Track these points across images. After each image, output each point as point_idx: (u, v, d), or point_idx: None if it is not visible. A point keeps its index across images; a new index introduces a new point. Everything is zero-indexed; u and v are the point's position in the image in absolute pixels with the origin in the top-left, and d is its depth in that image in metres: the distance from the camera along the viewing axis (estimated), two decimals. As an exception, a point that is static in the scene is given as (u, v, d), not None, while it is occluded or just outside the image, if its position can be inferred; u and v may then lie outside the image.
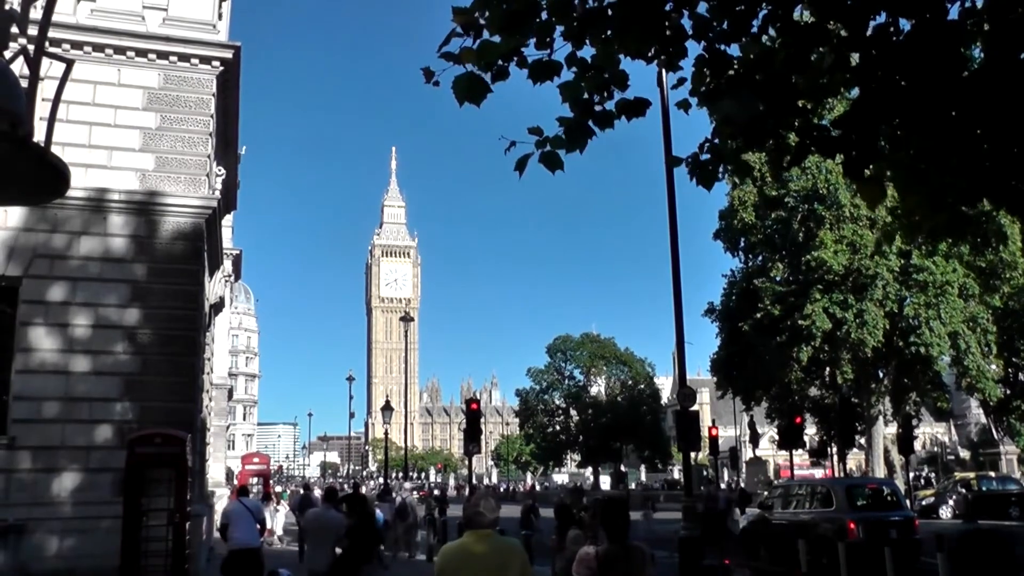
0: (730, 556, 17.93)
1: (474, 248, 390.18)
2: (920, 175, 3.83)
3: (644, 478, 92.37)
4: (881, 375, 40.29)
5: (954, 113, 3.72)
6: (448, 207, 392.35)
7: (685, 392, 16.59)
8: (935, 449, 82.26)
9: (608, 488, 74.55)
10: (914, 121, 3.82)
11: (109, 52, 14.40)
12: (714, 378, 48.12)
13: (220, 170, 19.94)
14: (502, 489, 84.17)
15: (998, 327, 38.85)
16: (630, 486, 74.07)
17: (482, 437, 25.50)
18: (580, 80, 4.12)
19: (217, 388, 35.04)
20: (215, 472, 36.91)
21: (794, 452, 36.96)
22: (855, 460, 63.88)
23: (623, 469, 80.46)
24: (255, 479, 40.78)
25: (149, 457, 11.38)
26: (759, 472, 58.15)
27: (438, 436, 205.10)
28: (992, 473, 41.06)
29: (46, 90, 7.96)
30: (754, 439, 52.79)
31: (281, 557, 19.98)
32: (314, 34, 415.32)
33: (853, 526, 15.85)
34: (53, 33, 12.13)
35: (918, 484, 49.08)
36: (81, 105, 13.88)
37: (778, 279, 39.70)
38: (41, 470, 12.85)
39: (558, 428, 79.29)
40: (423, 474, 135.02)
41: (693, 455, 17.95)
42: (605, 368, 78.25)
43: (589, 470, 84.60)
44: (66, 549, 12.49)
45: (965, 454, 72.28)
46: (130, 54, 14.53)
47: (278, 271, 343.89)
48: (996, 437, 49.48)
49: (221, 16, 16.41)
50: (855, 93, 4.32)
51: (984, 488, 33.17)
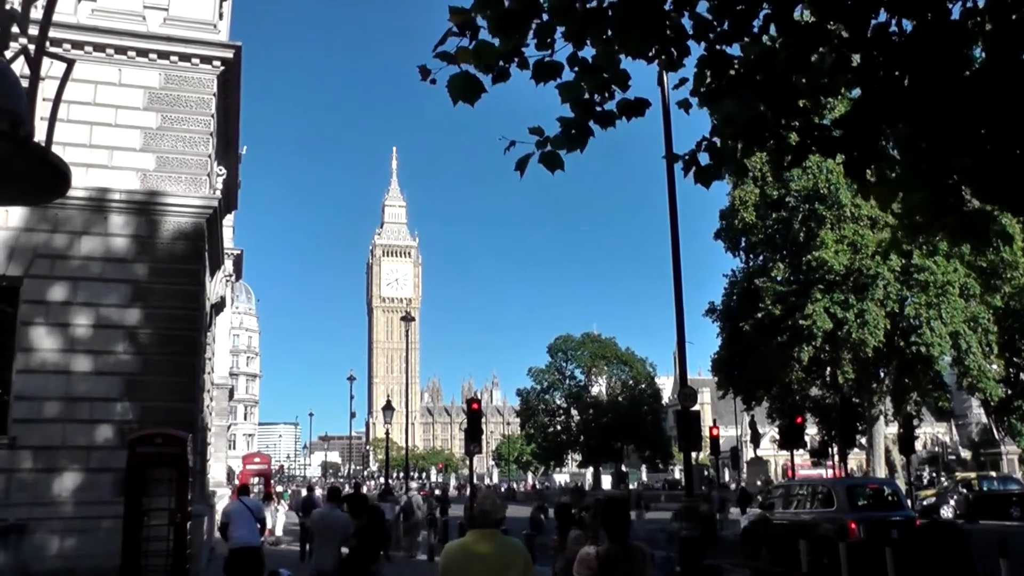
0: (722, 556, 17.93)
1: (475, 248, 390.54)
2: (925, 176, 3.82)
3: (645, 478, 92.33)
4: (882, 375, 40.25)
5: (957, 114, 3.71)
6: (449, 207, 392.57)
7: (686, 392, 16.60)
8: (936, 449, 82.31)
9: (609, 488, 74.48)
10: (917, 121, 3.81)
11: (110, 52, 14.40)
12: (715, 378, 48.08)
13: (221, 170, 19.94)
14: (503, 489, 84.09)
15: (999, 327, 38.82)
16: (631, 486, 73.97)
17: (483, 437, 25.49)
18: (581, 80, 4.12)
19: (218, 388, 35.05)
20: (216, 472, 36.93)
21: (795, 452, 36.91)
22: (856, 460, 63.89)
23: (624, 469, 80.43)
24: (256, 479, 40.86)
25: (150, 457, 11.38)
26: (760, 472, 58.11)
27: (439, 436, 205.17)
28: (993, 473, 41.10)
29: (47, 90, 7.97)
30: (755, 439, 52.74)
31: (282, 557, 20.00)
32: (315, 34, 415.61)
33: (854, 526, 15.86)
34: (54, 33, 12.15)
35: (920, 484, 49.11)
36: (82, 105, 13.88)
37: (779, 279, 39.68)
38: (42, 470, 12.85)
39: (559, 428, 79.26)
40: (424, 474, 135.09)
41: (694, 455, 17.94)
42: (606, 368, 78.24)
43: (590, 470, 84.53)
44: (67, 549, 12.49)
45: (966, 454, 72.34)
46: (131, 54, 14.53)
47: (279, 271, 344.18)
48: (997, 437, 49.48)
49: (222, 16, 16.42)
50: (856, 93, 4.31)
51: (985, 488, 33.17)
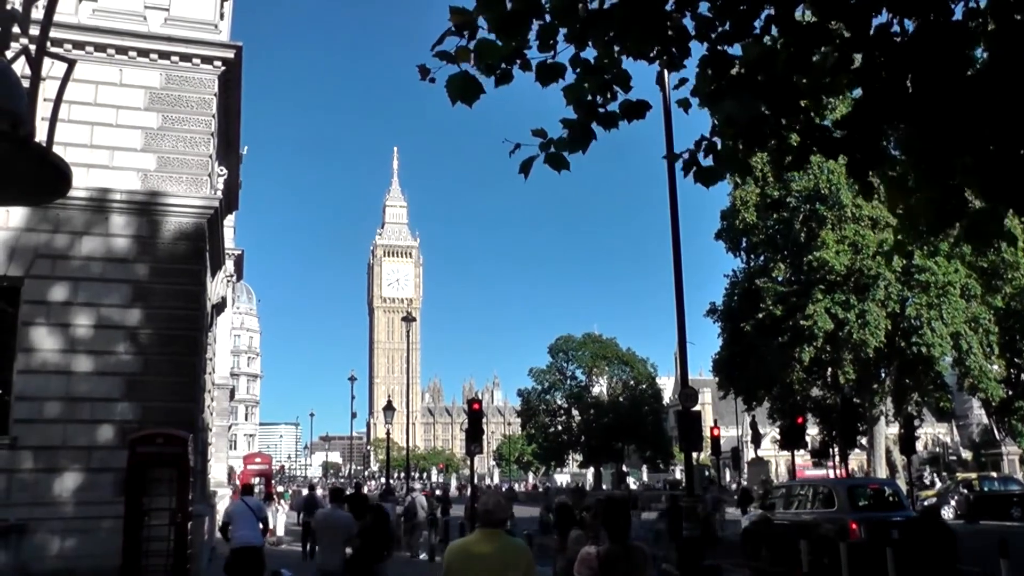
0: (722, 556, 17.93)
1: (476, 248, 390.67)
2: (930, 177, 3.81)
3: (646, 478, 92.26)
4: (883, 375, 40.23)
5: (960, 114, 3.70)
6: (450, 207, 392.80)
7: (687, 392, 16.57)
8: (937, 450, 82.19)
9: (609, 488, 74.44)
10: (919, 122, 3.80)
11: (111, 52, 14.40)
12: (716, 378, 48.02)
13: (222, 170, 19.94)
14: (503, 488, 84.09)
15: (1000, 327, 38.79)
16: (632, 486, 73.92)
17: (484, 437, 25.48)
18: (583, 82, 4.11)
19: (219, 388, 35.05)
20: (217, 472, 36.92)
21: (796, 452, 36.89)
22: (856, 460, 63.82)
23: (625, 469, 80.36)
24: (257, 479, 40.84)
25: (151, 457, 11.39)
26: (761, 472, 58.05)
27: (440, 436, 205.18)
28: (994, 474, 41.05)
29: (48, 90, 7.97)
30: (756, 439, 52.66)
31: (284, 557, 20.00)
32: (316, 34, 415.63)
33: (855, 526, 15.84)
34: (55, 33, 12.16)
35: (922, 484, 49.05)
36: (83, 105, 13.88)
37: (780, 279, 39.66)
38: (42, 470, 12.85)
39: (560, 428, 79.15)
40: (425, 474, 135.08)
41: (695, 455, 17.93)
42: (607, 368, 78.14)
43: (591, 470, 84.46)
44: (67, 549, 12.49)
45: (967, 454, 72.20)
46: (132, 54, 14.53)
47: (280, 271, 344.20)
48: (998, 438, 49.47)
49: (223, 16, 16.42)
50: (857, 93, 4.30)
51: (986, 488, 33.15)
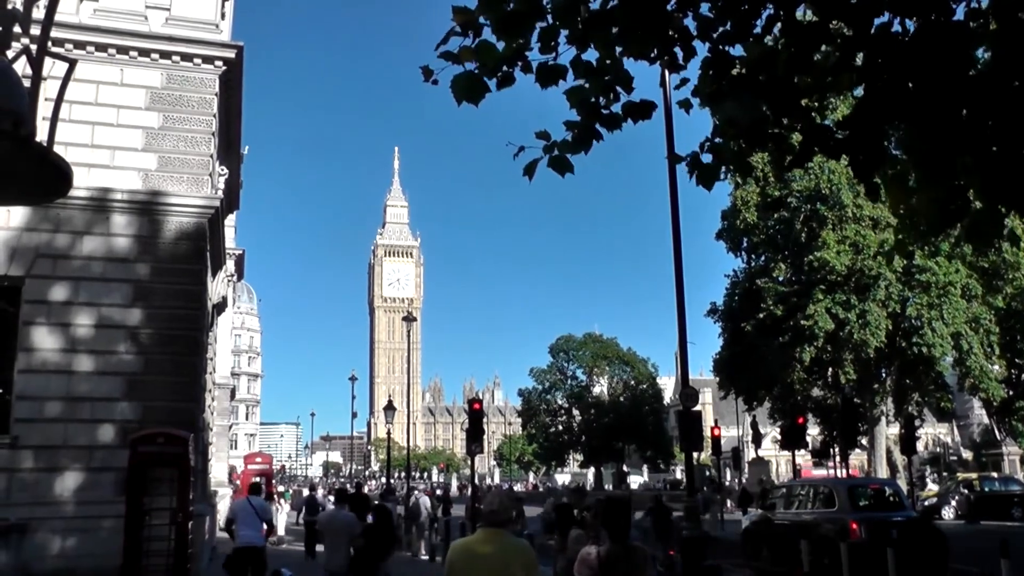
0: (723, 556, 17.92)
1: (476, 248, 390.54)
2: (932, 177, 3.81)
3: (647, 478, 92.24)
4: (884, 375, 40.25)
5: (962, 114, 3.69)
6: (451, 207, 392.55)
7: (687, 392, 16.57)
8: (938, 450, 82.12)
9: (610, 487, 74.47)
10: (921, 122, 3.79)
11: (112, 52, 14.40)
12: (716, 378, 48.06)
13: (223, 170, 19.94)
14: (504, 488, 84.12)
15: (1001, 328, 38.80)
16: (633, 486, 73.91)
17: (485, 437, 25.48)
18: (585, 83, 4.09)
19: (220, 388, 35.06)
20: (218, 472, 36.91)
21: (796, 452, 36.88)
22: (857, 460, 63.79)
23: (625, 469, 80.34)
24: (257, 479, 40.80)
25: (151, 456, 11.38)
26: (762, 472, 58.02)
27: (440, 436, 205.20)
28: (995, 474, 40.97)
29: (49, 90, 7.98)
30: (756, 439, 52.56)
31: (286, 557, 20.01)
32: (316, 34, 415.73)
33: (855, 526, 15.82)
34: (56, 33, 12.14)
35: (924, 484, 49.03)
36: (84, 105, 13.88)
37: (780, 279, 39.68)
38: (43, 469, 12.85)
39: (560, 428, 79.19)
40: (425, 474, 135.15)
41: (695, 455, 17.92)
42: (608, 368, 78.16)
43: (591, 470, 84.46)
44: (68, 549, 12.49)
45: (968, 455, 72.13)
46: (133, 54, 14.53)
47: (281, 271, 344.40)
48: (999, 438, 49.41)
49: (224, 16, 16.41)
50: (859, 93, 4.30)
51: (987, 489, 33.08)
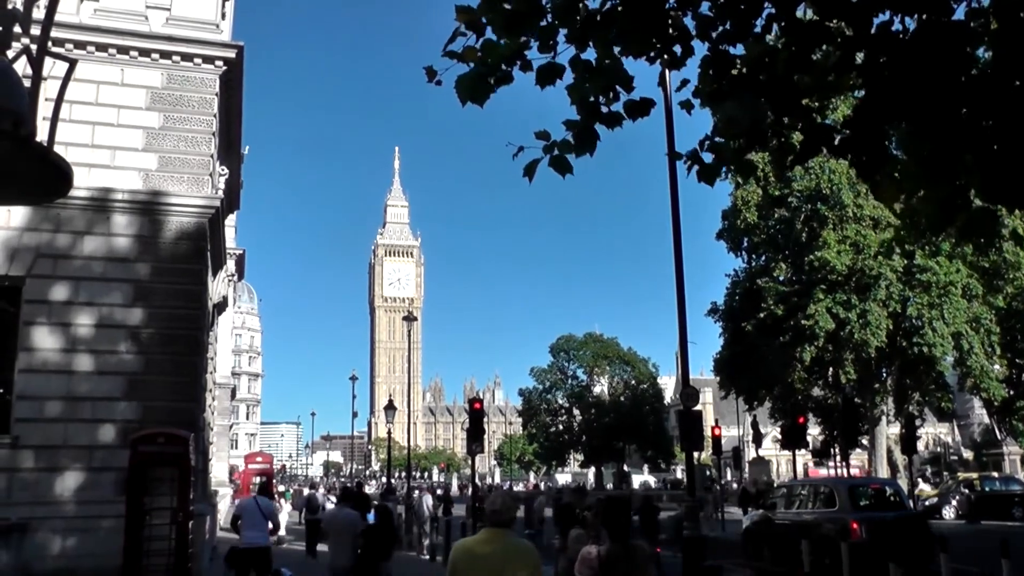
0: (723, 556, 17.91)
1: (477, 248, 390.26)
2: (933, 176, 3.80)
3: (647, 477, 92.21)
4: (884, 375, 40.23)
5: (964, 112, 3.69)
6: (451, 207, 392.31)
7: (688, 392, 16.55)
8: (938, 449, 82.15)
9: (611, 487, 74.45)
10: (922, 121, 3.79)
11: (112, 52, 14.40)
12: (717, 378, 48.02)
13: (223, 170, 19.94)
14: (505, 487, 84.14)
15: (1001, 327, 38.77)
16: (634, 486, 73.88)
17: (485, 437, 25.49)
18: (584, 82, 4.08)
19: (220, 387, 35.09)
20: (218, 471, 36.98)
21: (797, 452, 36.88)
22: (858, 460, 63.77)
23: (626, 469, 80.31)
24: (258, 478, 40.85)
25: (152, 456, 11.38)
26: (763, 472, 58.08)
27: (441, 436, 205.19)
28: (995, 473, 40.99)
29: (49, 90, 7.98)
30: (757, 439, 52.59)
31: (288, 556, 20.01)
32: (317, 34, 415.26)
33: (856, 526, 15.81)
34: (56, 33, 12.15)
35: (916, 482, 48.92)
36: (84, 105, 13.88)
37: (781, 279, 39.66)
38: (44, 469, 12.86)
39: (561, 428, 79.12)
40: (426, 473, 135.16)
41: (696, 455, 17.90)
42: (608, 368, 78.10)
43: (592, 470, 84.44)
44: (68, 548, 12.49)
45: (968, 454, 72.16)
46: (133, 54, 14.53)
47: (281, 271, 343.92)
48: (999, 437, 49.40)
49: (224, 16, 16.41)
50: (859, 93, 4.29)
51: (987, 489, 33.08)
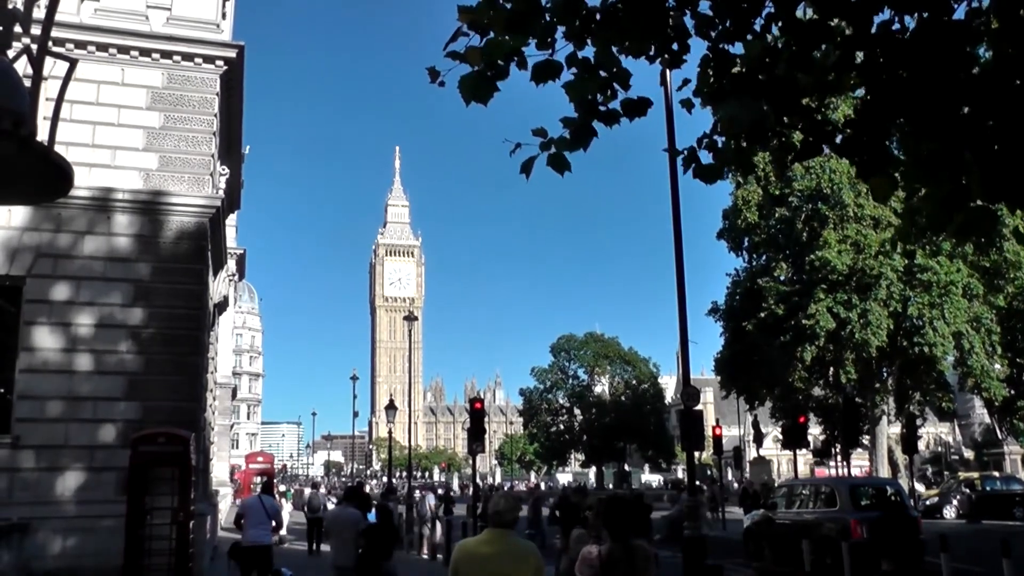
0: (724, 556, 17.94)
1: (477, 247, 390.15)
2: (933, 175, 3.80)
3: (649, 477, 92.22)
4: (885, 375, 40.22)
5: (964, 112, 3.68)
6: (452, 207, 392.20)
7: (689, 391, 16.53)
8: (939, 449, 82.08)
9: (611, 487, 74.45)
10: (922, 120, 3.79)
11: (113, 52, 14.42)
12: (718, 378, 48.00)
13: (224, 169, 19.94)
14: (506, 488, 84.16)
15: (1002, 327, 38.76)
16: (634, 485, 73.88)
17: (486, 436, 25.50)
18: (582, 80, 4.08)
19: (221, 387, 35.11)
20: (219, 471, 37.00)
21: (798, 451, 36.90)
22: (859, 460, 63.75)
23: (627, 468, 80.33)
24: (258, 478, 40.91)
25: (153, 456, 11.41)
26: (763, 472, 58.10)
27: (442, 435, 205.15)
28: (996, 473, 40.94)
29: (50, 89, 7.98)
30: (758, 439, 52.64)
31: (289, 555, 20.03)
32: (317, 33, 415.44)
33: (856, 526, 15.80)
34: (56, 32, 12.15)
35: (928, 483, 48.98)
36: (85, 104, 13.89)
37: (782, 279, 39.66)
38: (45, 469, 12.87)
39: (562, 427, 79.13)
40: (427, 473, 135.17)
41: (697, 454, 17.91)
42: (609, 367, 78.12)
43: (593, 469, 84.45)
44: (69, 548, 12.50)
45: (969, 454, 72.06)
46: (134, 53, 14.54)
47: (282, 270, 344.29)
48: (1000, 437, 49.36)
49: (225, 15, 16.42)
50: (860, 93, 4.29)
51: (988, 488, 33.04)
